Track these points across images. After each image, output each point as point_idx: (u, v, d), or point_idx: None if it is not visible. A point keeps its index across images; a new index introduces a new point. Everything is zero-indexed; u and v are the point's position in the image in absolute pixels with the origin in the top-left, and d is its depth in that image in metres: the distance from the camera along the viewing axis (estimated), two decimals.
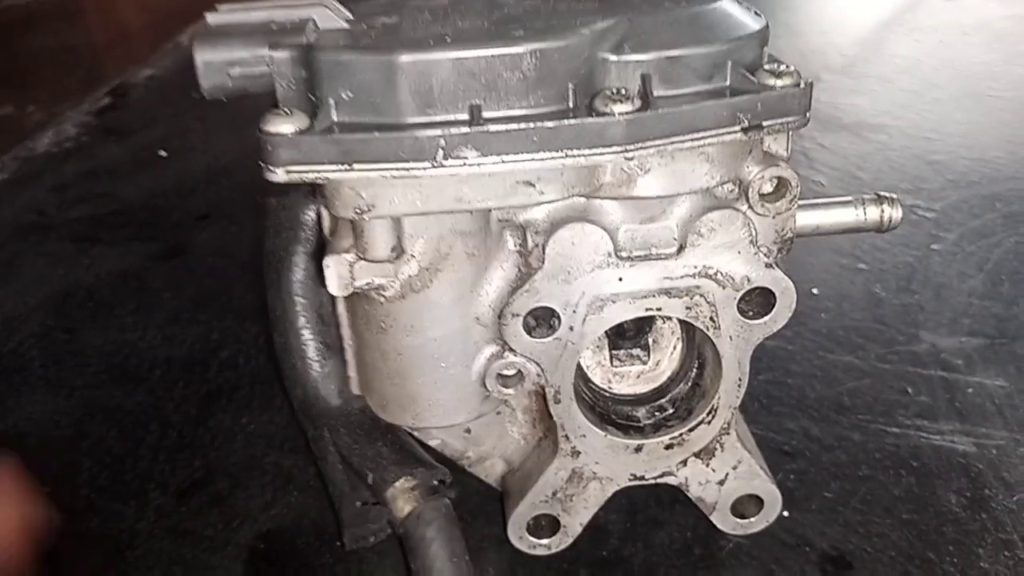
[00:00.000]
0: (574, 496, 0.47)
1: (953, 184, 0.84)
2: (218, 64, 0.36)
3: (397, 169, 0.35)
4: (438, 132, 0.35)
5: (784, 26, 1.16)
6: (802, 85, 0.38)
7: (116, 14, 1.48)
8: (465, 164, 0.36)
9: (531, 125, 0.36)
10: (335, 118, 0.35)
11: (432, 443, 0.48)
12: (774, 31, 0.40)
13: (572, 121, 0.36)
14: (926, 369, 0.64)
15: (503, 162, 0.36)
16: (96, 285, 0.79)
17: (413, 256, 0.39)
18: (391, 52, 0.35)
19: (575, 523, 0.48)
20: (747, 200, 0.40)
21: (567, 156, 0.36)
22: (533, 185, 0.38)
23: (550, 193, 0.38)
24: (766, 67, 0.39)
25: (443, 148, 0.35)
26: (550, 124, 0.36)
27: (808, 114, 0.39)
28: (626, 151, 0.37)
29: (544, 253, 0.39)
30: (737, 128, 0.37)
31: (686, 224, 0.40)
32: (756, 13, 0.40)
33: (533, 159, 0.36)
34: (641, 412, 0.47)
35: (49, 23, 1.37)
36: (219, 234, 0.84)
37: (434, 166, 0.35)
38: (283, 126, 0.35)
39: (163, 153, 0.96)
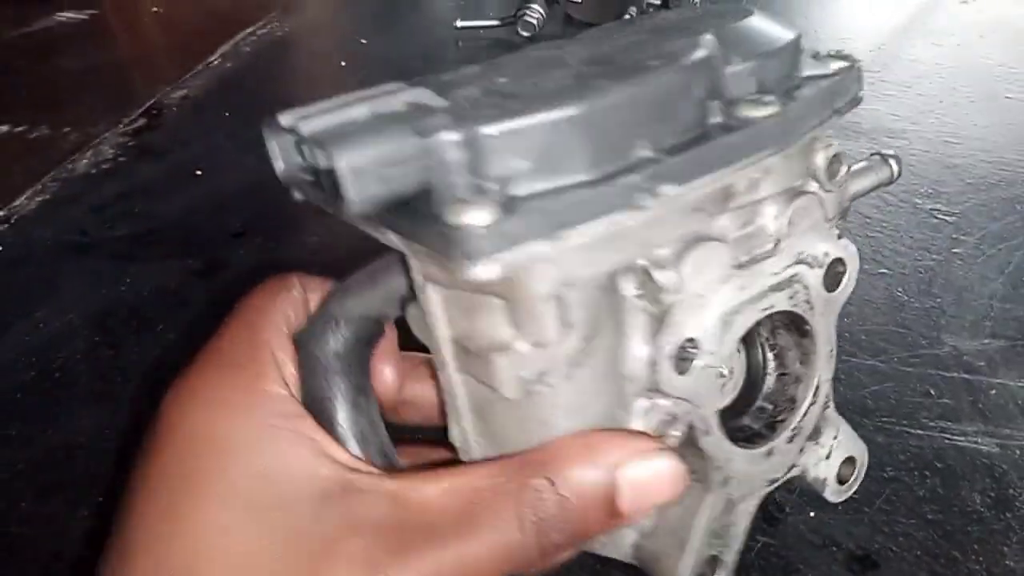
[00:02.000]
0: (729, 527, 0.45)
1: (973, 188, 0.85)
2: (369, 168, 0.30)
3: (608, 225, 0.32)
4: (635, 175, 0.32)
5: (801, 32, 1.17)
6: (856, 64, 0.39)
7: (143, 35, 1.51)
8: (666, 199, 0.33)
9: (712, 144, 0.34)
10: (521, 192, 0.31)
11: None
12: None
13: (746, 131, 0.35)
14: (949, 371, 0.66)
15: (692, 190, 0.34)
16: (137, 302, 0.81)
17: (574, 328, 0.35)
18: (559, 108, 0.32)
19: (732, 554, 0.46)
20: (815, 180, 0.40)
21: (737, 169, 0.35)
22: (703, 209, 0.36)
23: (715, 212, 0.37)
24: (825, 53, 0.40)
25: (646, 190, 0.33)
26: (734, 138, 0.34)
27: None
28: (781, 151, 0.36)
29: (681, 281, 0.37)
30: (834, 113, 0.38)
31: (777, 218, 0.39)
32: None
33: (713, 180, 0.35)
34: (747, 421, 0.46)
35: (78, 45, 1.40)
36: (255, 250, 0.86)
37: (641, 210, 0.33)
38: (476, 215, 0.30)
39: (198, 172, 0.99)
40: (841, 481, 0.50)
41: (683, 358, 0.38)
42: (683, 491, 0.35)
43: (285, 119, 0.32)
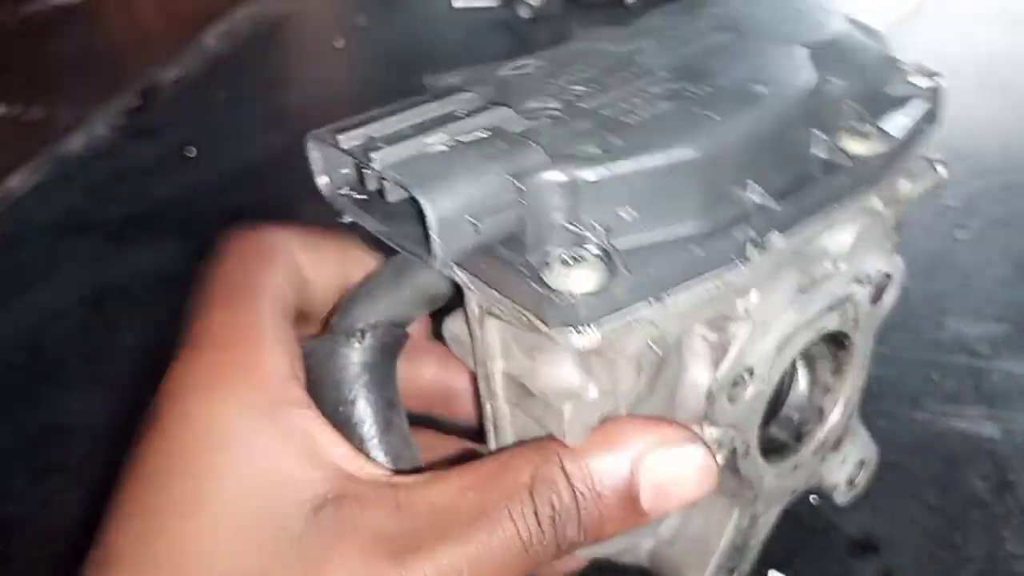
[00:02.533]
0: (750, 539, 0.44)
1: (976, 173, 0.84)
2: (458, 218, 0.26)
3: (715, 284, 0.29)
4: (748, 227, 0.29)
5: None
6: (940, 82, 0.38)
7: (135, 16, 1.50)
8: (771, 251, 0.30)
9: (819, 186, 0.31)
10: (625, 245, 0.28)
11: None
12: None
13: (853, 171, 0.32)
14: (951, 356, 0.65)
15: (798, 238, 0.31)
16: (132, 284, 0.80)
17: (644, 371, 0.32)
18: (674, 149, 0.28)
19: (748, 564, 0.45)
20: (879, 198, 0.37)
21: (842, 206, 0.32)
22: (798, 251, 0.33)
23: (804, 251, 0.34)
24: (906, 66, 0.38)
25: (758, 243, 0.29)
26: (841, 179, 0.31)
27: None
28: (881, 188, 0.33)
29: (751, 309, 0.34)
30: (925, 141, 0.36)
31: (841, 240, 0.36)
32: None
33: (816, 223, 0.32)
34: (774, 431, 0.44)
35: (70, 27, 1.39)
36: None
37: (743, 264, 0.29)
38: (581, 279, 0.26)
39: (192, 152, 0.98)
40: (849, 482, 0.49)
41: (736, 384, 0.36)
42: (712, 489, 0.32)
43: (347, 142, 0.28)
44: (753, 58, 0.33)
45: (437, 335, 0.39)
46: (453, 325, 0.36)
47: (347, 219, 0.31)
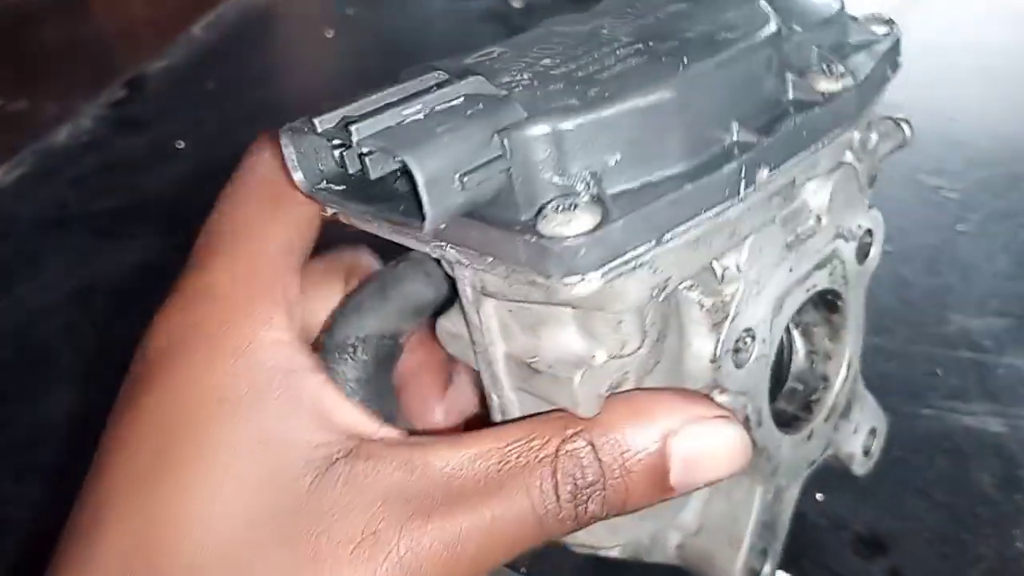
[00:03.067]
0: (778, 516, 0.44)
1: (976, 165, 0.83)
2: (445, 176, 0.26)
3: (711, 221, 0.29)
4: (735, 162, 0.29)
5: None
6: (896, 26, 0.38)
7: (124, 6, 1.48)
8: (761, 185, 0.30)
9: (799, 121, 0.31)
10: (613, 190, 0.28)
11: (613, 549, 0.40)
12: None
13: (829, 106, 0.32)
14: (956, 350, 0.64)
15: (782, 172, 0.31)
16: (120, 278, 0.79)
17: (647, 333, 0.31)
18: (651, 91, 0.28)
19: (779, 543, 0.44)
20: (849, 149, 0.37)
21: (824, 144, 0.33)
22: (779, 194, 0.33)
23: (787, 197, 0.34)
24: (863, 17, 0.39)
25: (744, 177, 0.29)
26: (818, 114, 0.32)
27: None
28: (855, 125, 0.34)
29: (740, 269, 0.34)
30: (886, 80, 0.37)
31: (818, 193, 0.37)
32: None
33: (801, 160, 0.32)
34: (782, 404, 0.43)
35: (57, 17, 1.37)
36: None
37: (741, 200, 0.30)
38: (576, 222, 0.26)
39: (180, 145, 0.96)
40: (865, 452, 0.48)
41: (739, 350, 0.36)
42: (744, 466, 0.31)
43: (322, 123, 0.27)
44: (715, 14, 0.33)
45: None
46: (447, 322, 0.34)
47: (330, 211, 0.30)
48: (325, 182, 0.29)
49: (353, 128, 0.26)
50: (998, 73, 0.98)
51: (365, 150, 0.27)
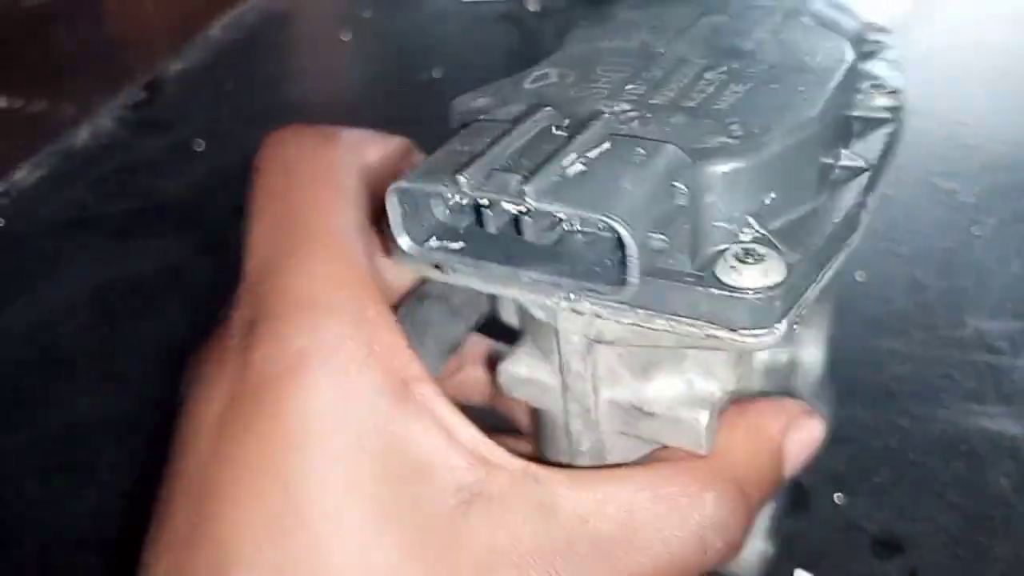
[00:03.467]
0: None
1: (989, 168, 0.83)
2: (644, 236, 0.24)
3: (844, 251, 0.29)
4: (855, 190, 0.29)
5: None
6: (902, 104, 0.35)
7: (139, 8, 1.48)
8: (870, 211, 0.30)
9: (881, 136, 0.33)
10: (771, 228, 0.27)
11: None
12: None
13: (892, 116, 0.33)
14: (971, 354, 0.64)
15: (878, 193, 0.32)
16: (139, 279, 0.80)
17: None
18: (799, 125, 0.28)
19: (775, 522, 0.44)
20: None
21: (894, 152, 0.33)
22: None
23: None
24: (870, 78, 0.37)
25: (859, 204, 0.29)
26: (891, 128, 0.33)
27: None
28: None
29: None
30: None
31: None
32: None
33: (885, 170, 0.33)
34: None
35: (73, 19, 1.38)
36: None
37: (859, 228, 0.29)
38: (769, 273, 0.25)
39: (199, 146, 0.97)
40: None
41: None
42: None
43: (471, 185, 0.24)
44: (765, 31, 0.33)
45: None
46: (515, 367, 0.33)
47: (450, 277, 0.28)
48: (435, 239, 0.27)
49: (527, 188, 0.24)
50: (1013, 77, 0.98)
51: (523, 208, 0.25)
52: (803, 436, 0.32)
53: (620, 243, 0.24)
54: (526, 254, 0.26)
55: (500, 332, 0.38)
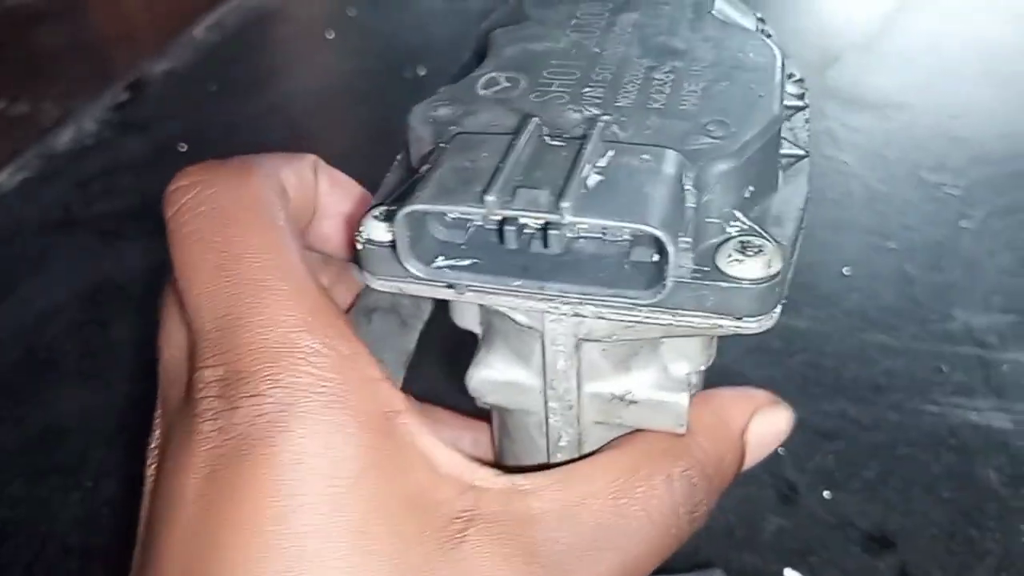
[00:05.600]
0: None
1: (979, 162, 0.83)
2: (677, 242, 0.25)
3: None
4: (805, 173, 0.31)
5: (803, 4, 1.15)
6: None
7: (123, 9, 1.48)
8: None
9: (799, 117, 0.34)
10: (755, 222, 0.28)
11: None
12: (794, 11, 0.40)
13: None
14: (960, 347, 0.64)
15: None
16: (125, 279, 0.79)
17: None
18: (765, 120, 0.28)
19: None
20: None
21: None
22: None
23: None
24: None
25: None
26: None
27: None
28: None
29: None
30: None
31: None
32: None
33: None
34: None
35: (57, 19, 1.37)
36: None
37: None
38: (772, 264, 0.26)
39: (183, 147, 0.96)
40: None
41: None
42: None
43: (498, 205, 0.24)
44: (685, 29, 0.33)
45: None
46: (489, 372, 0.32)
47: (464, 296, 0.27)
48: (441, 259, 0.27)
49: (564, 204, 0.24)
50: (1000, 71, 0.98)
51: (542, 224, 0.25)
52: (768, 425, 0.32)
53: (633, 246, 0.25)
54: (541, 266, 0.26)
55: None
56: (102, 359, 0.70)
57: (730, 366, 0.62)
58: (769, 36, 0.35)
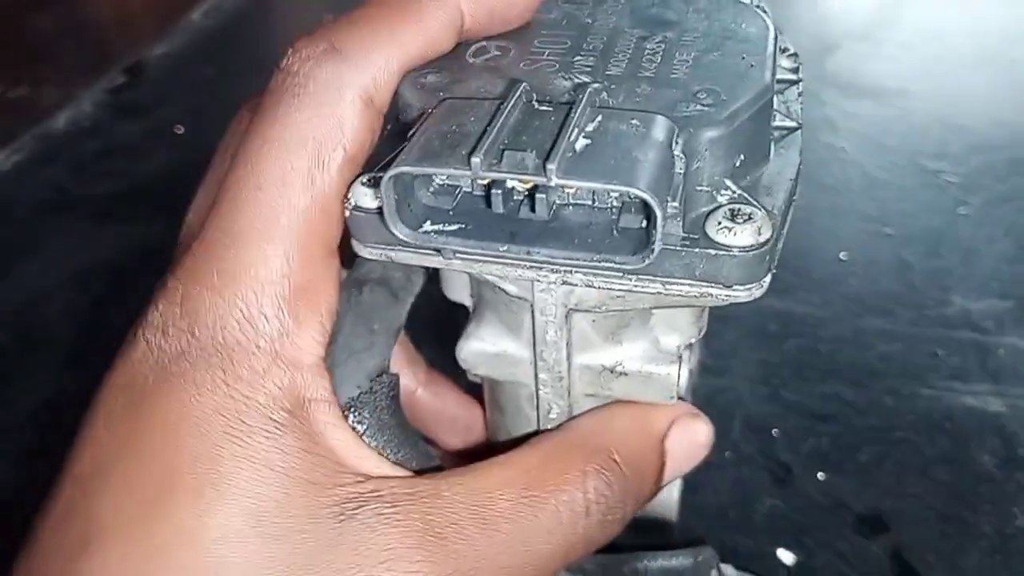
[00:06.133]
0: None
1: (977, 149, 0.83)
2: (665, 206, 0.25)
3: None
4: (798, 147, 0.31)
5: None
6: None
7: None
8: None
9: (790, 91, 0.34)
10: (743, 186, 0.28)
11: None
12: None
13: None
14: (957, 332, 0.64)
15: None
16: (119, 262, 0.79)
17: None
18: (756, 88, 0.28)
19: None
20: None
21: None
22: None
23: None
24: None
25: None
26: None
27: None
28: None
29: None
30: None
31: None
32: None
33: None
34: None
35: (56, 3, 1.37)
36: None
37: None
38: (762, 232, 0.26)
39: (180, 130, 0.96)
40: None
41: None
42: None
43: (485, 167, 0.24)
44: (677, 0, 0.33)
45: None
46: (480, 344, 0.32)
47: (452, 262, 0.27)
48: (428, 223, 0.26)
49: (551, 166, 0.23)
50: (998, 58, 0.98)
51: (538, 186, 0.25)
52: (688, 436, 0.32)
53: (622, 212, 0.25)
54: (529, 232, 0.26)
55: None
56: (95, 342, 0.70)
57: (727, 349, 0.62)
58: (765, 12, 0.35)
